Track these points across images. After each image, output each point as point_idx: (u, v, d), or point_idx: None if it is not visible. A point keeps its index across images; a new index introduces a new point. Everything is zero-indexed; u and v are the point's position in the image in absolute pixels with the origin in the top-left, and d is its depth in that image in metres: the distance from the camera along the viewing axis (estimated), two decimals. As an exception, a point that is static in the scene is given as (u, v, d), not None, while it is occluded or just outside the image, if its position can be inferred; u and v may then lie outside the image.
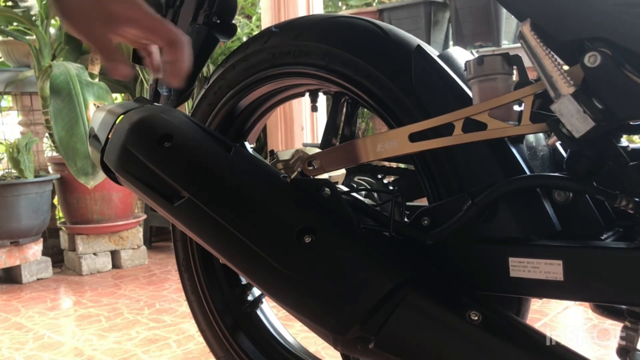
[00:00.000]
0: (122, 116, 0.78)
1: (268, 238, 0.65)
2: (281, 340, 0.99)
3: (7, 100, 2.88)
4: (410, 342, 0.57)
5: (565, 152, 0.67)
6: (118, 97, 3.02)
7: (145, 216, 2.77)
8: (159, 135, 0.73)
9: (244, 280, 1.01)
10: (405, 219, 0.72)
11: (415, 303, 0.58)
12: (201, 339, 1.05)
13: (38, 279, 2.41)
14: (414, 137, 0.66)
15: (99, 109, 0.85)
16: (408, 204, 0.81)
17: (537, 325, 1.51)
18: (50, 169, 2.67)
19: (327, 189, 0.67)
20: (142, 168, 0.73)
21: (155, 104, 0.85)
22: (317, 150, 0.80)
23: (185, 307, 1.76)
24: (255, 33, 1.07)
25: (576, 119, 0.53)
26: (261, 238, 0.65)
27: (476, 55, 0.67)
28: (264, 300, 1.02)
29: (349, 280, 0.60)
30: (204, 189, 0.69)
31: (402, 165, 1.14)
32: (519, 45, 0.59)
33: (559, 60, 0.55)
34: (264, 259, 0.63)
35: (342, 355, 0.78)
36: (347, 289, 0.60)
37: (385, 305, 0.58)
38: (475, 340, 0.55)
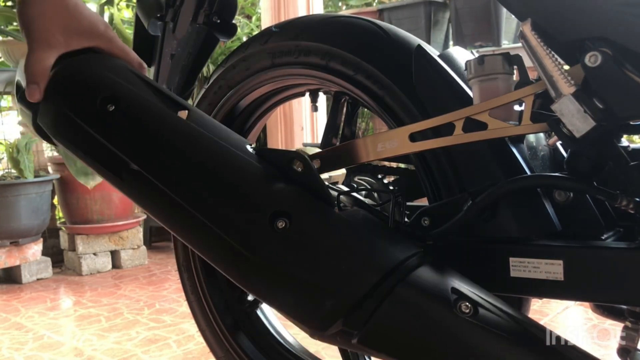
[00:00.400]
0: (55, 68, 0.66)
1: (236, 222, 0.56)
2: (281, 340, 0.99)
3: (7, 100, 2.88)
4: (397, 337, 0.53)
5: (566, 152, 0.67)
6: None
7: (145, 216, 2.76)
8: (102, 97, 0.62)
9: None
10: (406, 219, 0.72)
11: (402, 295, 0.53)
12: (201, 339, 1.05)
13: (38, 279, 2.41)
14: (414, 137, 0.66)
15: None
16: (408, 204, 0.81)
17: (537, 325, 1.51)
18: (50, 169, 2.67)
19: (298, 163, 0.59)
20: (82, 135, 0.62)
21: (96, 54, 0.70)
22: (317, 150, 0.80)
23: (185, 307, 1.76)
24: (255, 33, 1.07)
25: (577, 119, 0.53)
26: (228, 222, 0.56)
27: (476, 55, 0.67)
28: (264, 300, 1.02)
29: (331, 272, 0.54)
30: (155, 161, 0.59)
31: (402, 165, 1.14)
32: (519, 45, 0.59)
33: (559, 60, 0.55)
34: (232, 246, 0.56)
35: (340, 350, 0.78)
36: (329, 282, 0.54)
37: (370, 299, 0.53)
38: (466, 333, 0.52)
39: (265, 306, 1.02)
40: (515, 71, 0.64)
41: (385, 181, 0.90)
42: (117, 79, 0.63)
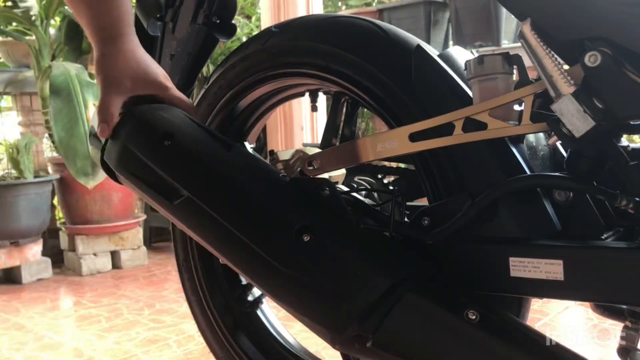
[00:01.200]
0: (122, 111, 0.78)
1: (267, 237, 0.65)
2: (281, 340, 0.99)
3: (7, 101, 2.88)
4: (408, 340, 0.58)
5: (566, 151, 0.67)
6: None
7: (145, 216, 2.76)
8: (160, 134, 0.73)
9: (244, 281, 1.01)
10: (406, 219, 0.72)
11: (412, 302, 0.58)
12: (201, 340, 1.05)
13: (38, 280, 2.41)
14: (414, 137, 0.66)
15: None
16: (408, 203, 0.81)
17: (538, 325, 1.51)
18: (50, 170, 2.67)
19: (326, 189, 0.67)
20: (142, 166, 0.73)
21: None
22: (317, 150, 0.80)
23: (185, 308, 1.76)
24: (255, 33, 1.07)
25: (576, 119, 0.53)
26: (260, 236, 0.65)
27: (476, 54, 0.67)
28: (264, 300, 1.02)
29: (347, 279, 0.60)
30: (203, 188, 0.69)
31: (402, 165, 1.14)
32: (519, 44, 0.59)
33: (559, 59, 0.55)
34: (262, 257, 0.63)
35: (342, 355, 0.78)
36: (345, 288, 0.60)
37: (382, 304, 0.58)
38: (473, 339, 0.56)
39: (265, 306, 1.02)
40: (515, 71, 0.64)
41: (385, 181, 0.90)
42: (173, 120, 0.76)
